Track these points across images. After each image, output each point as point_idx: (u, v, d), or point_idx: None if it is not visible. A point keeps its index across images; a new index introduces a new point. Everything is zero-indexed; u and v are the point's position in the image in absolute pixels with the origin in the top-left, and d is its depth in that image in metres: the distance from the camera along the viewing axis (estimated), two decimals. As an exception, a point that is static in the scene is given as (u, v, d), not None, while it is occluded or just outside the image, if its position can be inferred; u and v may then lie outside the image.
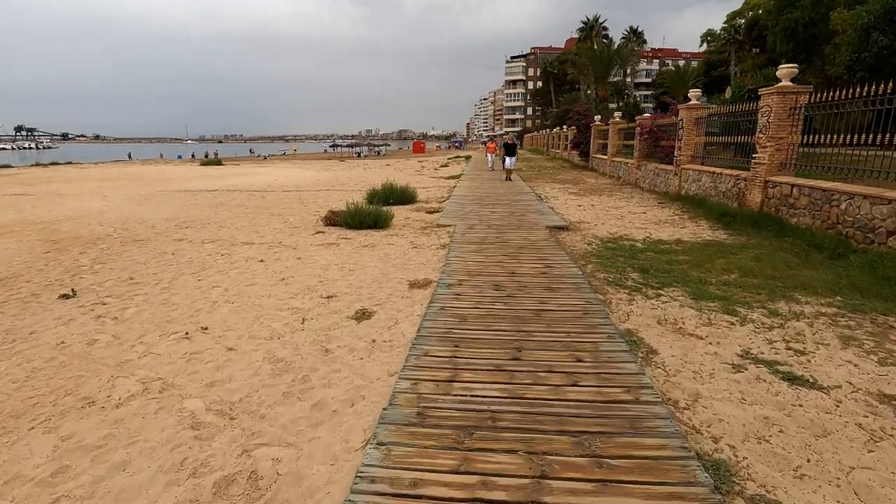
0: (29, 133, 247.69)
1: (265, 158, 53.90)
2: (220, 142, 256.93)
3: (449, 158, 41.49)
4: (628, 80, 72.38)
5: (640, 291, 5.61)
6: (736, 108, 11.18)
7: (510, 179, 19.12)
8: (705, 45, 60.65)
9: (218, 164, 34.68)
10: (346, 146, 63.70)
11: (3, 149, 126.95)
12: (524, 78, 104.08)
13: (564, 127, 36.76)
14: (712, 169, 11.79)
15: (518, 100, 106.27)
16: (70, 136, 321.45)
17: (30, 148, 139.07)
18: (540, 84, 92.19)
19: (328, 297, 5.48)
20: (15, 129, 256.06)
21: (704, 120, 12.98)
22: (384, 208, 10.54)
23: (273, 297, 5.56)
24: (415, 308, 5.08)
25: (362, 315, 4.90)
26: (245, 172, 27.64)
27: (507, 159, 19.21)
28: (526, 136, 73.25)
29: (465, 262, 6.61)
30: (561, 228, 9.46)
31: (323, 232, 9.47)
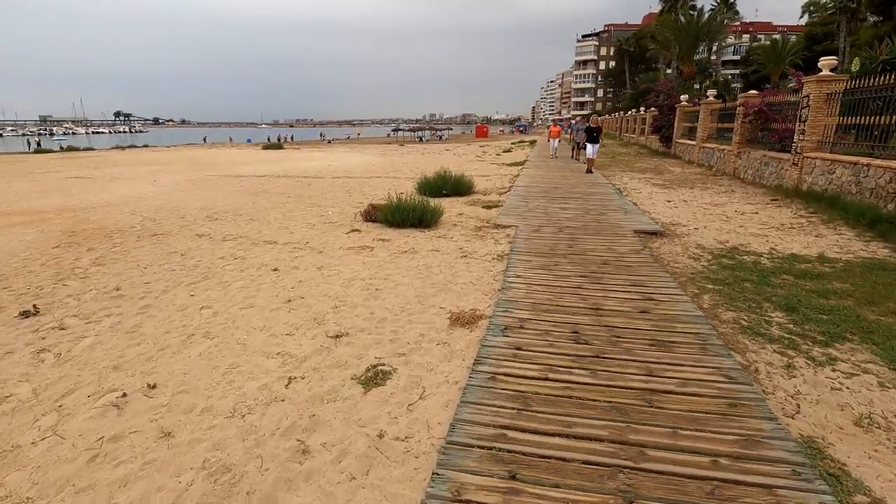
0: (126, 118, 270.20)
1: (329, 142, 54.09)
2: (292, 126, 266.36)
3: (512, 143, 39.21)
4: (713, 57, 65.55)
5: (797, 349, 3.65)
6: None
7: (591, 172, 15.30)
8: (806, 16, 53.23)
9: (278, 148, 34.64)
10: (408, 130, 62.76)
11: (102, 132, 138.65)
12: (595, 58, 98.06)
13: (642, 109, 33.31)
14: (852, 159, 9.12)
15: (588, 81, 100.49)
16: (160, 120, 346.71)
17: (124, 132, 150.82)
18: (613, 64, 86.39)
19: (336, 337, 3.96)
20: (114, 114, 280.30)
21: (839, 96, 10.17)
22: (434, 201, 8.95)
23: (266, 332, 4.12)
24: (452, 367, 3.44)
25: (375, 376, 3.32)
26: (301, 157, 27.08)
27: (589, 147, 15.64)
28: (579, 119, 68.66)
29: (530, 287, 4.85)
30: (653, 234, 7.41)
31: (359, 230, 8.02)
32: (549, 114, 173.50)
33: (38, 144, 47.56)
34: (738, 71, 71.53)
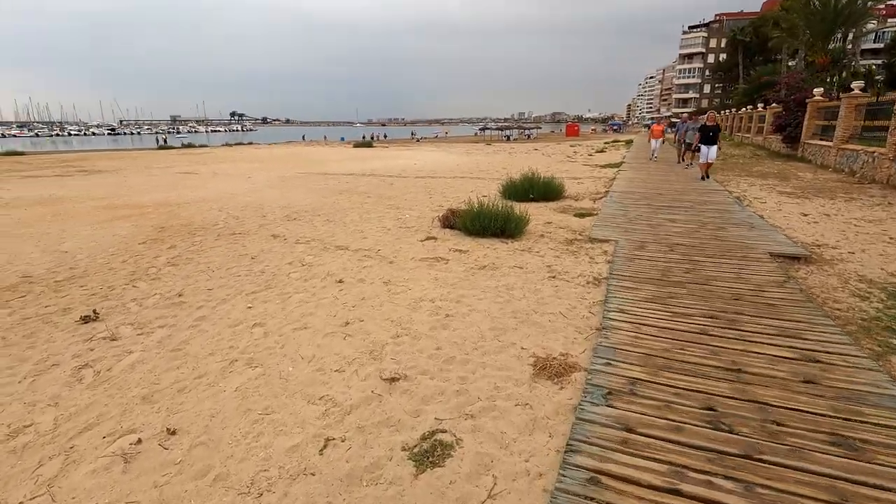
0: (239, 118, 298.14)
1: (418, 141, 54.74)
2: (384, 125, 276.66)
3: (606, 143, 36.81)
4: (849, 45, 56.81)
5: None
6: None
7: (706, 178, 13.15)
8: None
9: (368, 147, 35.40)
10: (496, 129, 61.80)
11: (218, 131, 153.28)
12: (703, 50, 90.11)
13: (760, 105, 29.52)
14: None
15: (693, 76, 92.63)
16: (268, 119, 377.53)
17: (236, 130, 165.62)
18: (723, 57, 78.68)
19: (392, 381, 3.25)
20: (230, 114, 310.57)
21: None
22: (519, 207, 8.03)
23: (314, 364, 3.52)
24: (535, 445, 2.57)
25: (432, 449, 2.54)
26: (389, 156, 27.26)
27: (704, 149, 13.00)
28: (700, 117, 62.94)
29: (638, 329, 3.80)
30: (795, 258, 5.92)
31: (434, 238, 7.34)
32: (647, 112, 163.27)
33: (165, 141, 53.31)
34: (880, 61, 61.71)
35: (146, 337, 4.07)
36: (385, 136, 60.61)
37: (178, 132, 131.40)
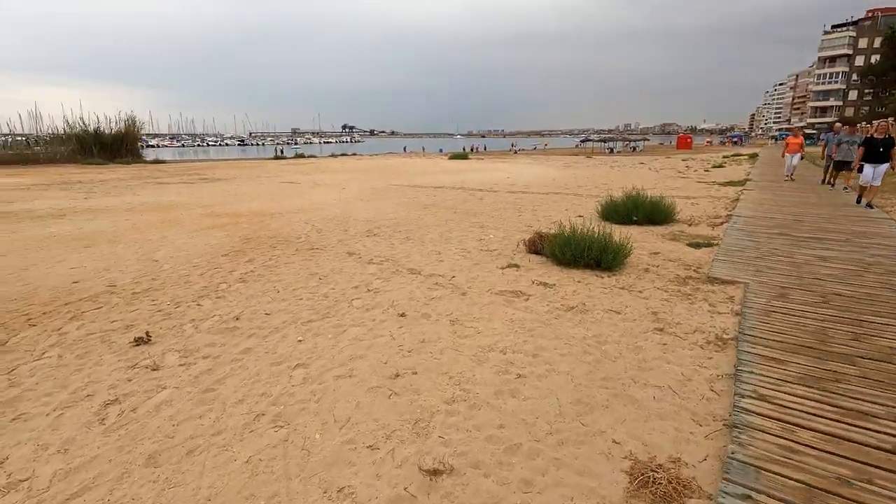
0: (350, 130, 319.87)
1: (515, 153, 53.87)
2: (483, 136, 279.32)
3: (725, 157, 33.02)
4: None
5: None
6: None
7: (871, 207, 10.25)
8: None
9: (463, 159, 35.24)
10: (598, 141, 58.84)
11: (330, 142, 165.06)
12: (849, 52, 78.70)
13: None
14: None
15: (835, 81, 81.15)
16: (375, 131, 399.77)
17: (346, 141, 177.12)
18: (876, 58, 67.78)
19: (433, 474, 2.49)
20: (342, 126, 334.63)
21: None
22: (620, 232, 6.89)
23: (345, 433, 2.88)
24: None
25: None
26: (482, 168, 26.72)
27: (868, 169, 10.27)
28: (864, 126, 54.41)
29: (791, 434, 2.65)
30: None
31: (517, 266, 6.48)
32: (774, 122, 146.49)
33: (281, 152, 58.09)
34: None
35: (186, 369, 3.74)
36: (484, 148, 60.53)
37: (296, 143, 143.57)
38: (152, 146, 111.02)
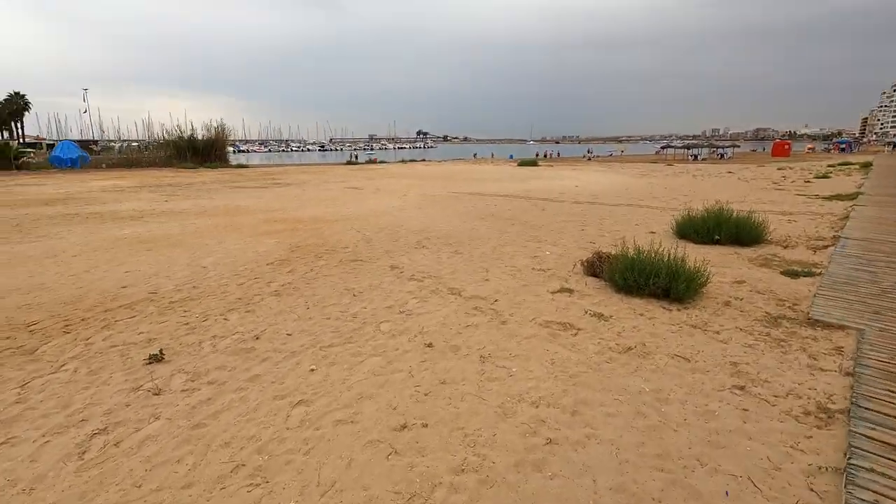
0: (424, 136, 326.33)
1: (589, 160, 51.82)
2: (557, 142, 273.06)
3: (830, 166, 29.35)
4: None
5: None
6: None
7: None
8: None
9: (532, 165, 34.19)
10: (681, 147, 55.03)
11: (403, 147, 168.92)
12: None
13: None
14: None
15: (976, 79, 69.92)
16: (448, 137, 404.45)
17: (419, 147, 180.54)
18: None
19: (411, 585, 1.94)
20: (417, 132, 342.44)
21: None
22: (697, 253, 5.93)
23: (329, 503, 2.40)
24: None
25: None
26: (550, 175, 25.65)
27: None
28: None
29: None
30: None
31: (570, 291, 5.74)
32: (893, 126, 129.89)
33: (355, 157, 60.05)
34: None
35: (186, 396, 3.47)
36: (557, 154, 58.76)
37: (371, 149, 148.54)
38: (243, 151, 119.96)
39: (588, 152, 65.43)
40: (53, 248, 8.48)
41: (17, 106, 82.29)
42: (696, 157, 47.58)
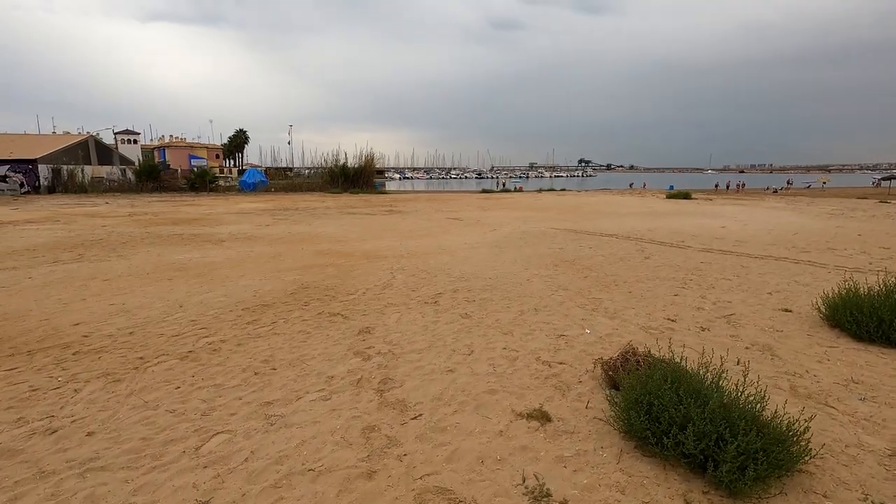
0: (585, 164, 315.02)
1: (774, 192, 42.98)
2: (742, 171, 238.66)
3: None
4: None
5: None
6: None
7: None
8: None
9: (682, 198, 28.97)
10: (912, 178, 42.11)
11: (560, 176, 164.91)
12: None
13: None
14: None
15: None
16: (612, 166, 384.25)
17: (576, 176, 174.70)
18: None
19: None
20: (578, 161, 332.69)
21: None
22: (844, 361, 3.10)
23: None
24: None
25: None
26: (697, 212, 21.05)
27: None
28: None
29: None
30: None
31: (546, 420, 3.44)
32: None
33: (502, 185, 59.70)
34: None
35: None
36: (740, 186, 49.51)
37: (528, 177, 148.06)
38: (408, 178, 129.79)
39: (788, 183, 54.93)
40: (98, 270, 8.83)
41: (240, 140, 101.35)
42: (936, 191, 35.71)
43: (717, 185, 49.36)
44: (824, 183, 56.46)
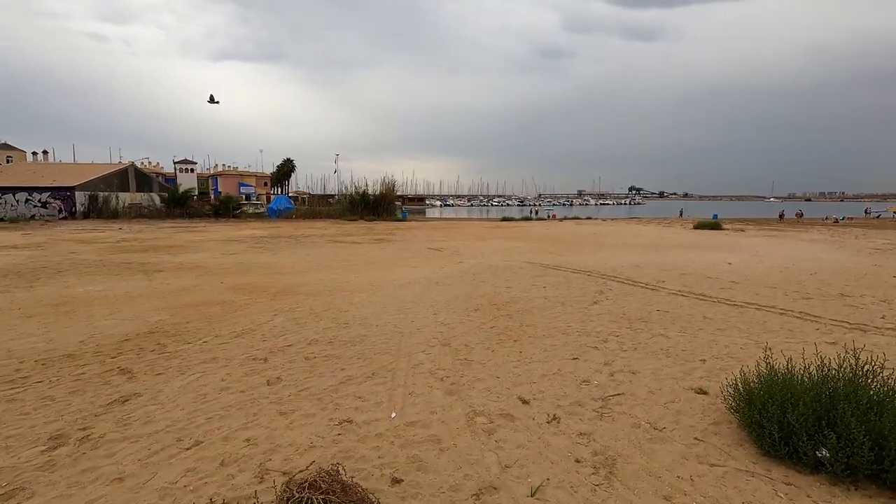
0: (637, 192, 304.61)
1: (836, 222, 38.61)
2: (809, 200, 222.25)
3: None
4: None
5: None
6: None
7: None
8: None
9: (712, 229, 26.21)
10: None
11: (606, 203, 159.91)
12: None
13: None
14: None
15: None
16: (665, 193, 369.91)
17: (624, 203, 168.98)
18: None
19: None
20: (629, 188, 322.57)
21: None
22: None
23: None
24: None
25: None
26: (715, 244, 18.61)
27: None
28: None
29: None
30: None
31: None
32: None
33: (535, 213, 57.91)
34: None
35: None
36: (799, 215, 44.27)
37: (572, 204, 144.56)
38: (450, 205, 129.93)
39: (866, 213, 50.19)
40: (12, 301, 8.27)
41: (287, 168, 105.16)
42: None
43: (781, 214, 44.51)
44: (894, 213, 50.66)
